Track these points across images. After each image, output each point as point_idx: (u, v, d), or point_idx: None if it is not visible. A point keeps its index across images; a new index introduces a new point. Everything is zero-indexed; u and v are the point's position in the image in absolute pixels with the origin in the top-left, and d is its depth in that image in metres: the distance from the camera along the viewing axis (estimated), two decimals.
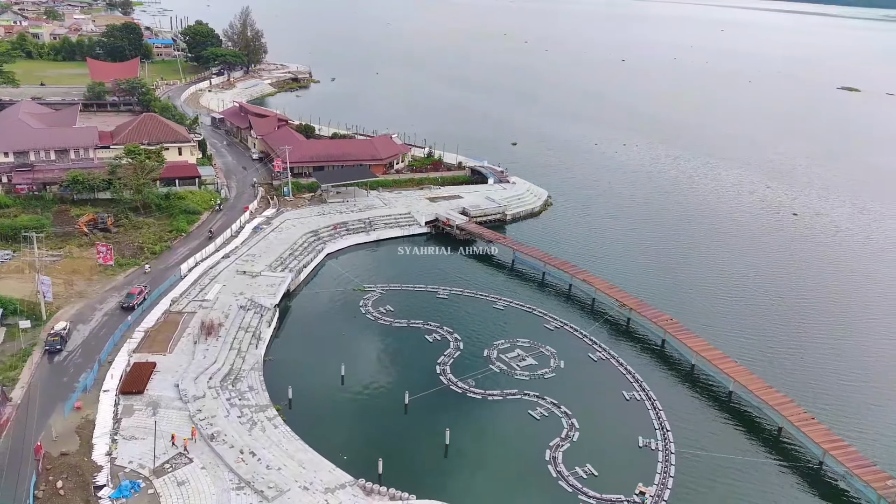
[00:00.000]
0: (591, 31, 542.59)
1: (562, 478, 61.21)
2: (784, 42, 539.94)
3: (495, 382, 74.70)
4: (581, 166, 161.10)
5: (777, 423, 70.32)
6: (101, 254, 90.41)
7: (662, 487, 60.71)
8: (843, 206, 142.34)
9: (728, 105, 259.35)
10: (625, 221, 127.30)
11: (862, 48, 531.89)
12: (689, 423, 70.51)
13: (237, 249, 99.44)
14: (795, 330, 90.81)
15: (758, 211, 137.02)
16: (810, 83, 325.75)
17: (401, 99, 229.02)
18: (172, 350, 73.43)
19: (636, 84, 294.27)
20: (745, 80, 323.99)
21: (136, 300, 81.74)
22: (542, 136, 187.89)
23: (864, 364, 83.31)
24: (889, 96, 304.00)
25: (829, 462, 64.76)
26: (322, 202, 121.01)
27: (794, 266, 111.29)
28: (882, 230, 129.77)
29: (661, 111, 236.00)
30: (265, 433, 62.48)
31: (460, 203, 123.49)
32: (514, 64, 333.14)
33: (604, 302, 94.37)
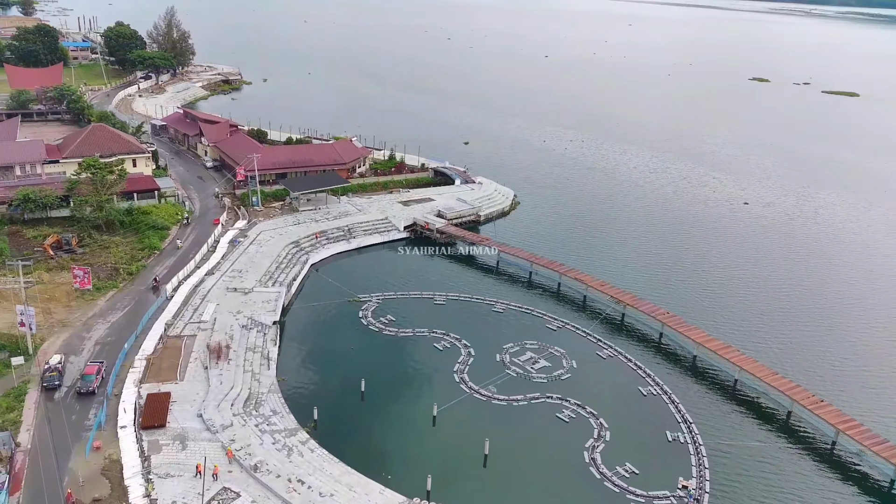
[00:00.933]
0: (509, 27, 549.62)
1: (606, 479, 62.13)
2: (692, 36, 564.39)
3: (515, 387, 74.88)
4: (536, 164, 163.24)
5: (786, 408, 73.82)
6: (78, 278, 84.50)
7: (702, 479, 62.63)
8: (788, 194, 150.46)
9: (656, 98, 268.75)
10: (593, 217, 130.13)
11: (760, 40, 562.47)
12: (707, 413, 73.01)
13: (220, 265, 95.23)
14: (781, 316, 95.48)
15: (712, 201, 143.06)
16: (724, 75, 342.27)
17: (338, 100, 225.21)
18: (183, 377, 69.63)
19: (565, 80, 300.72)
20: (664, 73, 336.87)
21: (94, 382, 66.47)
22: (491, 135, 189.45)
23: (857, 344, 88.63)
24: (795, 85, 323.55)
25: (843, 441, 68.59)
26: (294, 211, 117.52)
27: (759, 252, 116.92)
28: (829, 216, 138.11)
29: (594, 106, 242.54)
30: (304, 458, 60.33)
31: (433, 206, 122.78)
32: (443, 61, 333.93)
33: (595, 299, 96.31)
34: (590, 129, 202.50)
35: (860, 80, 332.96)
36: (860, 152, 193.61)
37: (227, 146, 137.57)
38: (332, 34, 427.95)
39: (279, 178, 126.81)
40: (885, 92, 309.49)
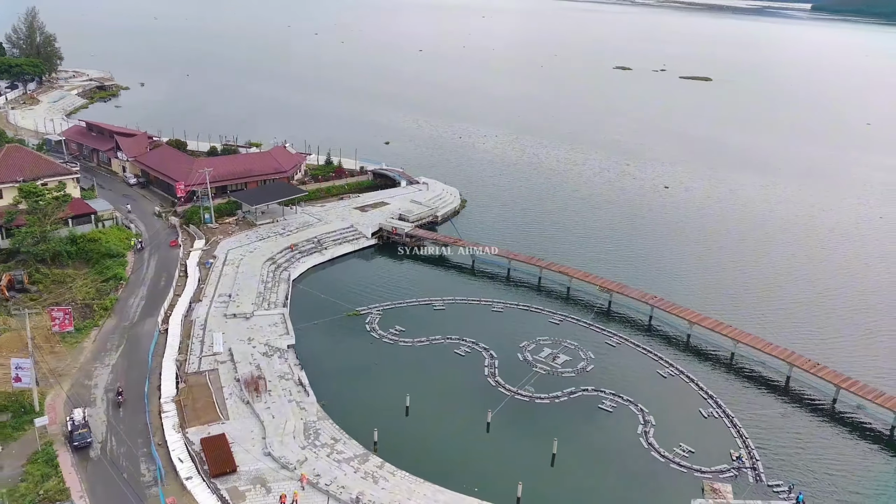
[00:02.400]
0: (373, 21, 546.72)
1: (670, 461, 65.83)
2: (545, 27, 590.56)
3: (549, 384, 76.83)
4: (464, 161, 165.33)
5: (785, 373, 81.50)
6: (58, 320, 75.46)
7: (749, 449, 68.02)
8: (700, 177, 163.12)
9: (538, 89, 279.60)
10: (538, 209, 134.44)
11: (614, 31, 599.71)
12: (724, 387, 79.03)
13: (203, 290, 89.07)
14: (741, 289, 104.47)
15: (634, 187, 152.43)
16: (591, 64, 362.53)
17: (230, 102, 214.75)
18: (227, 416, 65.07)
19: (449, 74, 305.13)
20: (536, 65, 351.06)
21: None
22: (408, 133, 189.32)
23: (814, 309, 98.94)
24: (655, 73, 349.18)
25: (843, 397, 76.91)
26: (251, 225, 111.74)
27: (689, 233, 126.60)
28: (745, 194, 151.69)
29: (490, 100, 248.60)
30: (390, 483, 58.87)
31: (390, 209, 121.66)
32: (319, 56, 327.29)
33: (579, 289, 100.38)
34: (499, 123, 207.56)
35: (711, 65, 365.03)
36: (739, 133, 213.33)
37: (152, 161, 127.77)
38: (189, 31, 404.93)
39: (220, 192, 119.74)
40: (733, 75, 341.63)
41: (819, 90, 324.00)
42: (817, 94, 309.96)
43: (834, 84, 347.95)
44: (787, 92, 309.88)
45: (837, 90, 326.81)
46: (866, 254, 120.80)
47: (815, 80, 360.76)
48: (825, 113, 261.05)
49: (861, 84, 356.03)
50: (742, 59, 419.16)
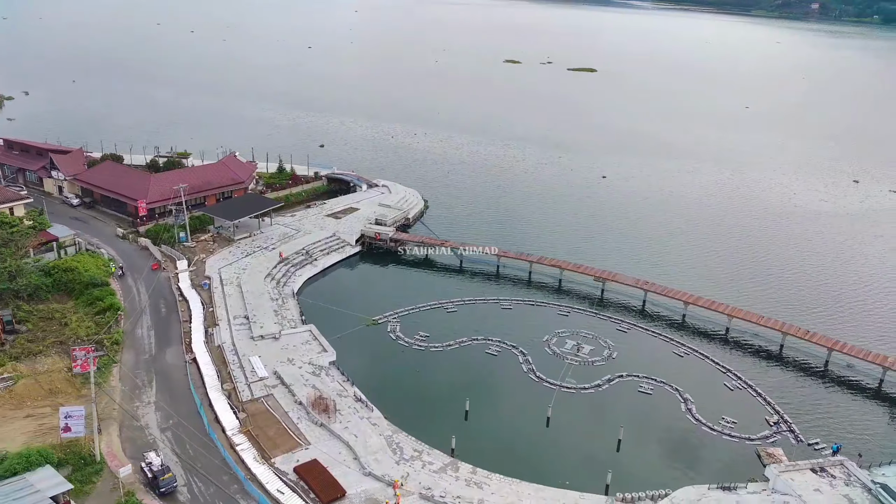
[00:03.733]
0: (253, 16, 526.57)
1: (721, 433, 71.47)
2: (420, 21, 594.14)
3: (586, 374, 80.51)
4: (410, 161, 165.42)
5: (778, 342, 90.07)
6: (79, 360, 69.69)
7: (780, 414, 75.04)
8: (630, 166, 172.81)
9: (441, 85, 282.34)
10: (502, 205, 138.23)
11: (493, 24, 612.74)
12: (733, 359, 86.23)
13: (214, 314, 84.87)
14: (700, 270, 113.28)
15: (573, 178, 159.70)
16: (482, 59, 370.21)
17: (134, 108, 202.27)
18: (308, 440, 63.31)
19: (349, 71, 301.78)
20: (431, 60, 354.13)
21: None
22: (339, 135, 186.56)
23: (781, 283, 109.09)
24: (542, 65, 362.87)
25: (834, 358, 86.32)
26: (229, 241, 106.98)
27: (644, 218, 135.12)
28: (682, 178, 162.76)
29: (402, 98, 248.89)
30: (493, 486, 60.13)
31: (362, 215, 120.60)
32: (200, 55, 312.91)
33: (571, 280, 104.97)
34: (423, 122, 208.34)
35: (592, 57, 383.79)
36: (645, 122, 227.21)
37: (98, 178, 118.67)
38: (66, 32, 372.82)
39: (180, 208, 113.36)
40: (614, 66, 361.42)
41: (692, 77, 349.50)
42: (693, 82, 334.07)
43: (704, 71, 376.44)
44: (665, 80, 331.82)
45: (709, 77, 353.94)
46: (816, 228, 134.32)
47: (685, 68, 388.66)
48: (707, 99, 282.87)
49: (728, 70, 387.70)
50: (616, 49, 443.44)
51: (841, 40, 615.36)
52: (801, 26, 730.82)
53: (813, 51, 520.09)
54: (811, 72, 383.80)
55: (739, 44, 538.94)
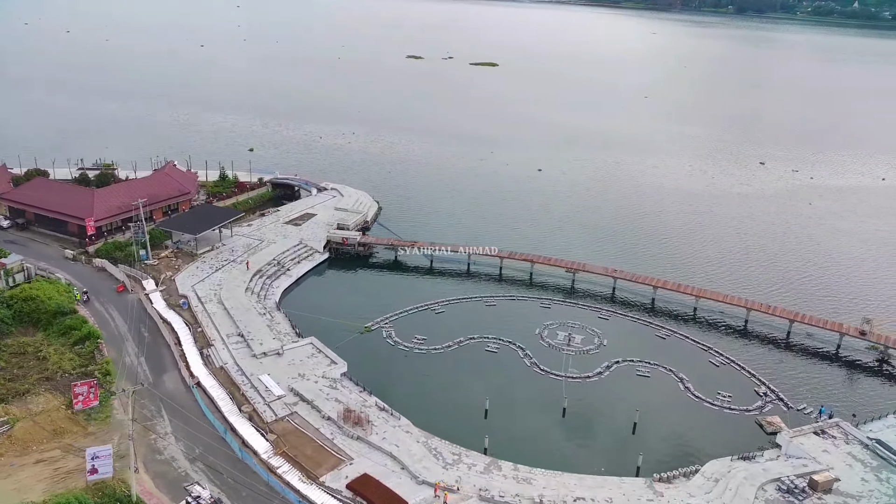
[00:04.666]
0: (132, 9, 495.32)
1: (721, 407, 76.45)
2: (310, 17, 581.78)
3: (586, 363, 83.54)
4: (346, 162, 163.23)
5: (742, 318, 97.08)
6: (82, 396, 65.22)
7: (766, 384, 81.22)
8: (560, 158, 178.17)
9: (353, 82, 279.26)
10: (452, 202, 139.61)
11: (385, 19, 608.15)
12: (709, 337, 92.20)
13: (204, 335, 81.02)
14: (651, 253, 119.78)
15: (514, 172, 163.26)
16: (384, 54, 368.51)
17: (49, 118, 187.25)
18: (350, 455, 62.22)
19: (246, 71, 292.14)
20: (333, 57, 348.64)
21: None
22: (265, 138, 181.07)
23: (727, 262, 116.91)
24: (444, 61, 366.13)
25: (796, 329, 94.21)
26: (192, 256, 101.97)
27: (591, 207, 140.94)
28: (608, 170, 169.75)
29: (312, 97, 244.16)
30: (542, 481, 61.61)
31: (322, 220, 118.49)
32: (84, 55, 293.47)
33: (542, 273, 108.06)
34: (347, 121, 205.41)
35: (491, 51, 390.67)
36: (559, 113, 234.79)
37: (31, 197, 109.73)
38: None
39: (127, 223, 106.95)
40: (514, 60, 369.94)
41: (590, 69, 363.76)
42: (591, 73, 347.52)
43: (596, 63, 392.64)
44: (566, 73, 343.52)
45: (602, 68, 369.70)
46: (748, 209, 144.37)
47: (579, 60, 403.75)
48: (609, 90, 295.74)
49: (616, 60, 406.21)
50: (510, 43, 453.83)
51: (705, 29, 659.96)
52: (668, 17, 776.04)
53: (686, 40, 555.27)
54: (692, 61, 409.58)
55: (622, 35, 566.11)
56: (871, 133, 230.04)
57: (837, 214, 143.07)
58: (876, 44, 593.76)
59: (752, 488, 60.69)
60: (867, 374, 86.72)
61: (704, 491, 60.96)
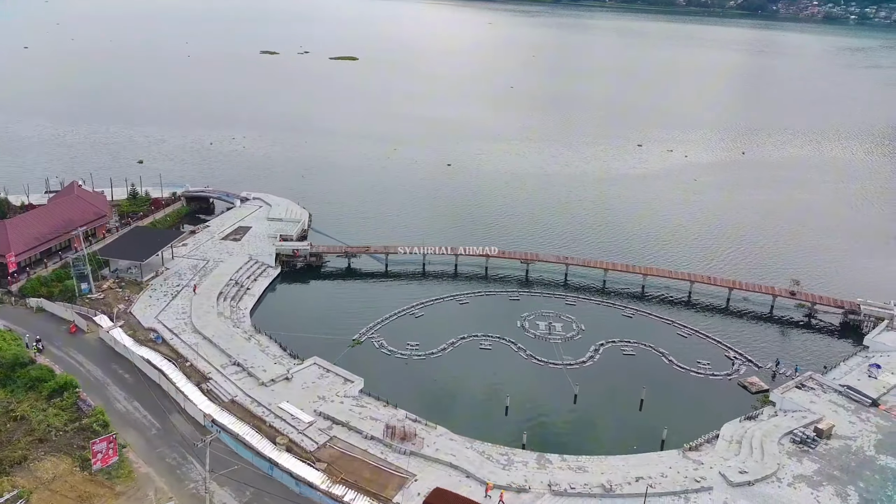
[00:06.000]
0: None
1: (706, 375, 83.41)
2: (153, 5, 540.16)
3: (574, 349, 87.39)
4: (250, 168, 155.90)
5: (686, 290, 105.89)
6: (101, 454, 58.61)
7: (731, 349, 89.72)
8: (463, 151, 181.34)
9: (217, 80, 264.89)
10: (377, 202, 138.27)
11: (221, 11, 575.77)
12: (667, 312, 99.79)
13: (196, 368, 75.13)
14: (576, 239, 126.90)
15: (424, 168, 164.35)
16: (238, 50, 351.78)
17: None
18: (411, 472, 61.18)
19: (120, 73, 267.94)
20: (183, 55, 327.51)
21: None
22: (152, 149, 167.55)
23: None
24: (300, 55, 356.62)
25: (734, 295, 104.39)
26: (137, 284, 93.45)
27: (512, 197, 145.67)
28: (512, 161, 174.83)
29: (169, 95, 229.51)
30: (592, 467, 64.32)
31: (257, 232, 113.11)
32: None
33: (498, 265, 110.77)
34: (229, 124, 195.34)
35: (348, 44, 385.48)
36: (439, 108, 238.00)
37: None
38: None
39: (46, 256, 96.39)
40: (371, 53, 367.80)
41: (445, 61, 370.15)
42: (451, 65, 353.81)
43: (452, 53, 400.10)
44: (424, 65, 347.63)
45: (457, 59, 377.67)
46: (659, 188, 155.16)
47: (433, 52, 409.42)
48: (475, 81, 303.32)
49: (468, 50, 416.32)
50: (367, 36, 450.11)
51: (534, 18, 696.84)
52: (497, 7, 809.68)
53: (521, 29, 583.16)
54: (536, 49, 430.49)
55: (464, 26, 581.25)
56: (714, 112, 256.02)
57: (722, 187, 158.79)
58: (676, 28, 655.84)
59: (773, 444, 67.49)
60: (802, 329, 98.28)
61: (734, 453, 66.82)
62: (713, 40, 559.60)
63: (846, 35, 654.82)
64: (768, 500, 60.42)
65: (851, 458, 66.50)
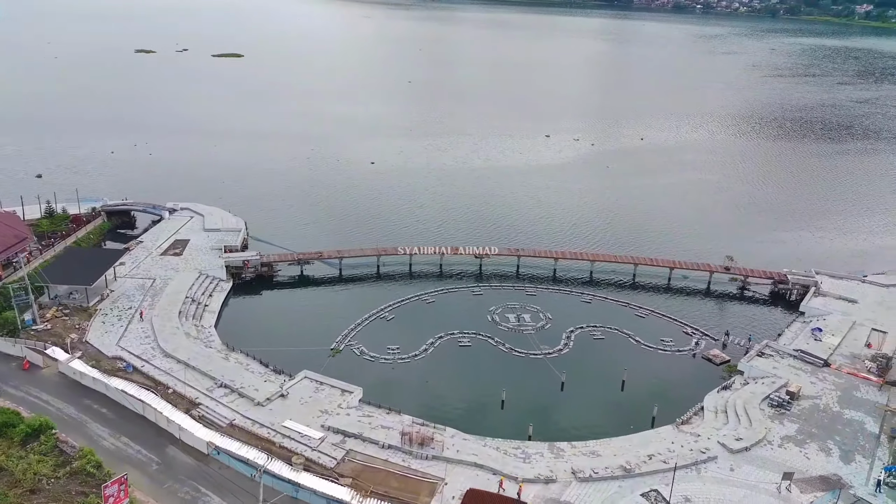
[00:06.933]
0: None
1: (672, 352, 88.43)
2: None
3: (548, 338, 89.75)
4: (173, 177, 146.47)
5: (631, 272, 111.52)
6: (112, 497, 54.25)
7: (684, 324, 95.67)
8: (380, 149, 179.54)
9: (95, 82, 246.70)
10: (313, 204, 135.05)
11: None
12: (621, 293, 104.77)
13: (182, 396, 70.75)
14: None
15: (349, 168, 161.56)
16: (109, 50, 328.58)
17: None
18: (439, 476, 61.04)
19: None
20: (48, 55, 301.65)
21: None
22: (52, 160, 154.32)
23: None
24: (179, 53, 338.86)
25: (675, 274, 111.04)
26: (84, 310, 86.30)
27: (441, 192, 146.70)
28: (430, 155, 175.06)
29: (44, 100, 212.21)
30: (606, 451, 66.89)
31: (199, 246, 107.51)
32: None
33: (452, 261, 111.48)
34: (123, 129, 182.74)
35: (230, 41, 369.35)
36: (338, 104, 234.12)
37: None
38: None
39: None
40: (260, 51, 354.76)
41: (331, 57, 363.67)
42: (334, 61, 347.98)
43: (334, 50, 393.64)
44: (313, 61, 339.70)
45: (343, 55, 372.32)
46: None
47: (318, 47, 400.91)
48: (367, 76, 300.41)
49: (350, 46, 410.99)
50: (242, 32, 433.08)
51: (408, 11, 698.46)
52: (370, 0, 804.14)
53: (399, 22, 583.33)
54: (420, 42, 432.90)
55: (343, 20, 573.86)
56: (606, 100, 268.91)
57: (634, 173, 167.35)
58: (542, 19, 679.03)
59: (755, 410, 73.02)
60: (739, 300, 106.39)
61: (722, 423, 71.70)
62: (581, 30, 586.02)
63: (696, 24, 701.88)
64: (766, 462, 65.45)
65: (823, 416, 73.21)
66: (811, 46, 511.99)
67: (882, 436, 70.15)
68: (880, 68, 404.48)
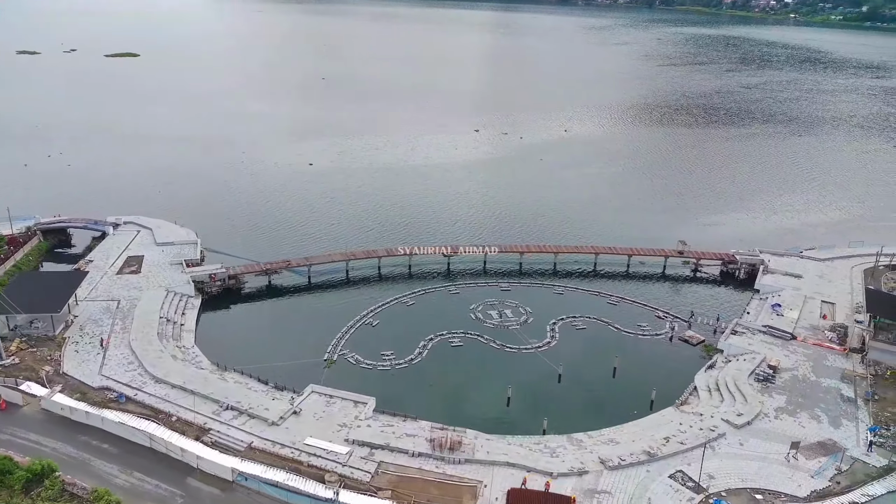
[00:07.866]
0: None
1: (651, 336, 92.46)
2: None
3: (533, 331, 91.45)
4: (96, 189, 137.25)
5: (593, 260, 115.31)
6: None
7: (654, 308, 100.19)
8: (313, 150, 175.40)
9: None
10: (259, 211, 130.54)
11: None
12: (591, 284, 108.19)
13: (192, 423, 67.13)
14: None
15: (286, 171, 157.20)
16: None
17: None
18: (477, 479, 61.28)
19: None
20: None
21: None
22: None
23: None
24: (66, 54, 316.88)
25: (633, 260, 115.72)
26: (51, 339, 79.89)
27: (386, 189, 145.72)
28: (375, 152, 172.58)
29: None
30: (623, 437, 69.33)
31: (156, 261, 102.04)
32: None
33: (420, 261, 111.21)
34: (33, 138, 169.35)
35: (123, 41, 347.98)
36: (266, 104, 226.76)
37: None
38: None
39: None
40: (155, 50, 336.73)
41: (233, 54, 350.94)
42: (246, 56, 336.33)
43: (233, 47, 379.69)
44: (214, 59, 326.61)
45: (244, 52, 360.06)
46: None
47: (218, 45, 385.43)
48: (287, 72, 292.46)
49: (250, 43, 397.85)
50: (131, 30, 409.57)
51: (300, 6, 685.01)
52: None
53: (292, 17, 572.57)
54: (323, 38, 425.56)
55: (236, 16, 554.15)
56: (520, 93, 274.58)
57: (569, 165, 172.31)
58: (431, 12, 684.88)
59: (746, 386, 77.73)
60: (693, 282, 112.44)
61: (718, 400, 75.92)
62: (473, 24, 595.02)
63: (582, 15, 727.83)
64: (769, 434, 69.98)
65: (804, 386, 78.96)
66: (692, 35, 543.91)
67: (858, 399, 76.55)
68: (758, 55, 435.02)
